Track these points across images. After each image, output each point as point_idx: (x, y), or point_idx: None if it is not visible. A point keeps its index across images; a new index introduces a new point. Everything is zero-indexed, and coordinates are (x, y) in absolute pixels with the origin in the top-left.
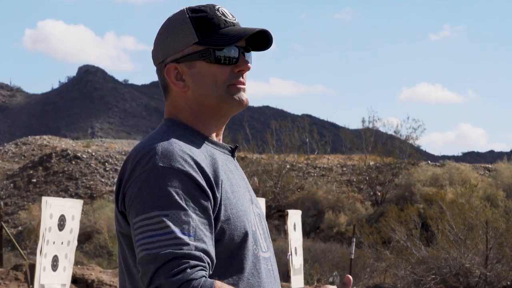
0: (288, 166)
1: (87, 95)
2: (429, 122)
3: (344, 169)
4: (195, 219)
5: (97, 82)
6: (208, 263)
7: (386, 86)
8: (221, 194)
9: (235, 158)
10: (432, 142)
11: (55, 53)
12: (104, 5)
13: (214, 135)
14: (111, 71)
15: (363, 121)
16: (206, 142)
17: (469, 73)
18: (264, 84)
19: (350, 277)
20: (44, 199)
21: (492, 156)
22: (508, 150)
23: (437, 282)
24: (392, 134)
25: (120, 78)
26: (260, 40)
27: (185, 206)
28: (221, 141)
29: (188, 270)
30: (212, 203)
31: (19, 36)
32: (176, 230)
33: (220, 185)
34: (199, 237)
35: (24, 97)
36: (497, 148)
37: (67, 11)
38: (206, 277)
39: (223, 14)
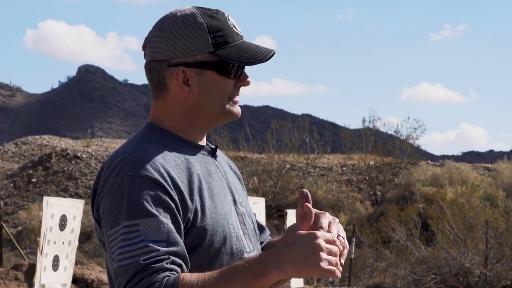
0: (288, 166)
1: (87, 95)
2: (430, 122)
3: (344, 169)
4: (167, 224)
5: (97, 82)
6: (181, 264)
7: (387, 86)
8: (197, 200)
9: (216, 158)
10: (433, 142)
11: (57, 53)
12: (106, 5)
13: (196, 139)
14: (113, 71)
15: (363, 121)
16: (184, 145)
17: (470, 72)
18: (265, 84)
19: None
20: (46, 199)
21: (492, 156)
22: (508, 149)
23: (437, 282)
24: (392, 134)
25: (121, 78)
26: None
27: (155, 212)
28: (204, 142)
29: (149, 277)
30: (181, 211)
31: (20, 37)
32: (147, 238)
33: (194, 192)
34: (173, 241)
35: (24, 97)
36: (498, 148)
37: (68, 12)
38: (169, 276)
39: (233, 25)
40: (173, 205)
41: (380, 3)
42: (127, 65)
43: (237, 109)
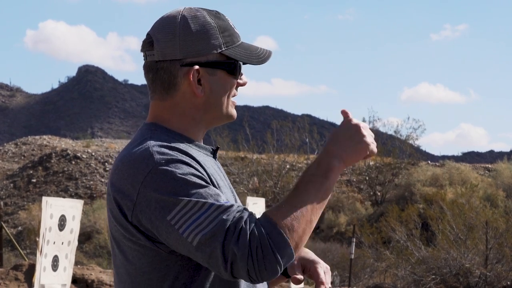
0: (288, 166)
1: (87, 95)
2: (430, 122)
3: (344, 169)
4: (218, 191)
5: (97, 82)
6: (252, 213)
7: (388, 86)
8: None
9: (216, 159)
10: (433, 142)
11: (57, 53)
12: (106, 5)
13: (199, 139)
14: (113, 71)
15: (363, 121)
16: (190, 145)
17: (470, 72)
18: (266, 84)
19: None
20: (45, 199)
21: (492, 156)
22: (508, 150)
23: (437, 282)
24: (392, 134)
25: (121, 78)
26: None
27: (204, 183)
28: (201, 142)
29: (244, 226)
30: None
31: (20, 37)
32: (213, 201)
33: (215, 184)
34: (232, 201)
35: (24, 97)
36: (498, 148)
37: (68, 12)
38: (259, 219)
39: (233, 26)
40: (209, 181)
41: (381, 4)
42: (128, 65)
43: (235, 111)
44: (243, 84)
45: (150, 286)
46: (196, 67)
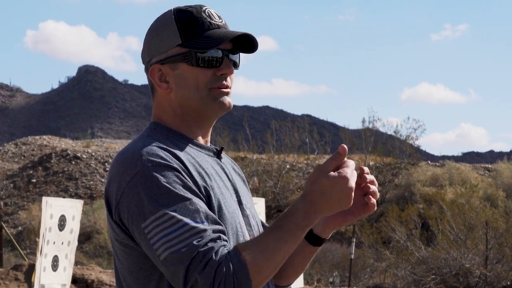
0: (288, 166)
1: (87, 95)
2: (430, 122)
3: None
4: (202, 205)
5: (97, 82)
6: (227, 240)
7: (388, 86)
8: (207, 195)
9: (221, 160)
10: (433, 142)
11: (57, 54)
12: (107, 5)
13: (200, 138)
14: (114, 72)
15: (363, 121)
16: (190, 145)
17: (471, 72)
18: (266, 84)
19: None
20: (45, 199)
21: (492, 156)
22: (508, 150)
23: (437, 282)
24: (392, 134)
25: (122, 78)
26: (247, 43)
27: (188, 196)
28: (208, 143)
29: (214, 258)
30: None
31: (21, 37)
32: (189, 221)
33: (207, 189)
34: (213, 219)
35: (24, 97)
36: (498, 148)
37: (69, 12)
38: (229, 253)
39: (209, 15)
40: (197, 190)
41: (381, 4)
42: (128, 65)
43: (224, 99)
44: (225, 73)
45: (138, 285)
46: (156, 65)
